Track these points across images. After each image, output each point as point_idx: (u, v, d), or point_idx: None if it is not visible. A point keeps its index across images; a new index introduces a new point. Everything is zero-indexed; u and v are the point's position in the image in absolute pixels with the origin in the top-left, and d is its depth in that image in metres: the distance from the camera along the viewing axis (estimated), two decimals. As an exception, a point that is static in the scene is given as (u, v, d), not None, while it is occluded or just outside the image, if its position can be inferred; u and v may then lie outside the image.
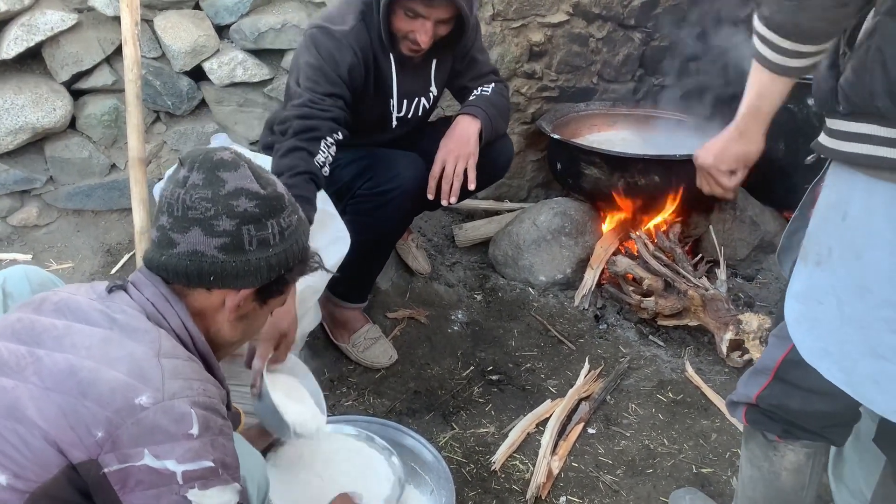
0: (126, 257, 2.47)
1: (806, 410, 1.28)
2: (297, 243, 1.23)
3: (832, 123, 1.15)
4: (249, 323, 1.27)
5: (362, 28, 1.97)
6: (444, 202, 2.06)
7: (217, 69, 2.49)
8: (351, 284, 2.17)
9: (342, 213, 2.01)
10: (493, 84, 2.23)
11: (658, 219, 2.71)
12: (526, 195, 3.18)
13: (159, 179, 2.53)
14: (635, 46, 3.09)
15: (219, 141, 2.38)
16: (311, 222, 1.65)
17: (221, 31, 2.51)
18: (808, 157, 1.26)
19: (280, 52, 2.56)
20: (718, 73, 3.29)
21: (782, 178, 2.80)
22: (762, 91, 1.19)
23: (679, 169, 2.48)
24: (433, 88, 2.16)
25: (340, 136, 1.86)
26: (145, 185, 2.22)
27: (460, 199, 2.10)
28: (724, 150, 1.35)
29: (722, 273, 2.40)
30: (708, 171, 1.38)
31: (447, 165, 2.04)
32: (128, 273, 2.40)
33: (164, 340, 1.09)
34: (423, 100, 2.15)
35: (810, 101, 2.71)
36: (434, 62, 2.10)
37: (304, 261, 1.27)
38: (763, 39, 1.11)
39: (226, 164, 1.14)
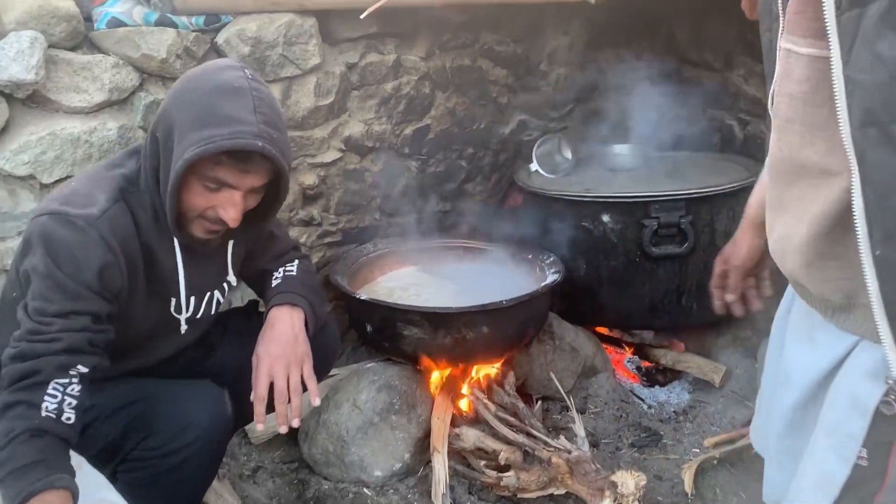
0: None
1: None
2: None
3: None
4: None
5: (121, 211, 1.42)
6: (282, 429, 1.54)
7: None
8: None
9: (112, 480, 1.41)
10: (296, 261, 1.79)
11: (477, 369, 2.43)
12: (319, 355, 2.71)
13: None
14: (412, 175, 2.83)
15: None
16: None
17: None
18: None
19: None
20: (492, 191, 3.19)
21: (586, 296, 2.70)
22: None
23: (506, 315, 2.22)
24: (231, 277, 1.65)
25: (85, 369, 1.30)
26: None
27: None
28: None
29: (580, 428, 2.16)
30: None
31: (277, 380, 1.53)
32: None
33: None
34: (218, 292, 1.64)
35: (605, 218, 2.69)
36: (231, 243, 1.60)
37: None
38: None
39: None
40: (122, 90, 2.02)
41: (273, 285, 1.71)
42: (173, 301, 1.53)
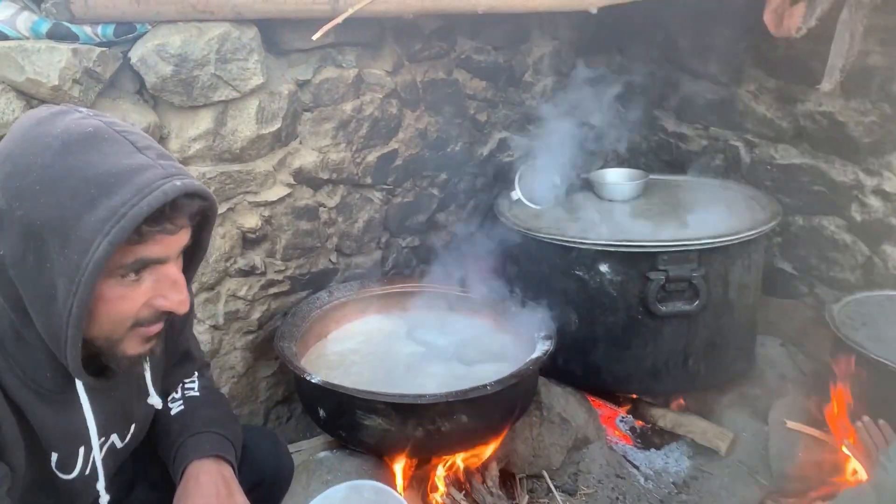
0: None
1: None
2: None
3: None
4: None
5: None
6: None
7: None
8: None
9: None
10: (196, 379, 1.38)
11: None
12: (263, 420, 2.30)
13: None
14: (376, 208, 2.41)
15: None
16: None
17: None
18: None
19: None
20: (468, 220, 2.78)
21: (577, 354, 2.32)
22: None
23: (489, 400, 1.83)
24: (154, 399, 1.21)
25: None
26: None
27: None
28: None
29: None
30: None
31: None
32: None
33: None
34: (138, 427, 1.21)
35: (602, 268, 2.32)
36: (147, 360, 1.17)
37: None
38: None
39: None
40: (1, 124, 1.56)
41: (175, 414, 1.29)
42: (54, 456, 1.09)
